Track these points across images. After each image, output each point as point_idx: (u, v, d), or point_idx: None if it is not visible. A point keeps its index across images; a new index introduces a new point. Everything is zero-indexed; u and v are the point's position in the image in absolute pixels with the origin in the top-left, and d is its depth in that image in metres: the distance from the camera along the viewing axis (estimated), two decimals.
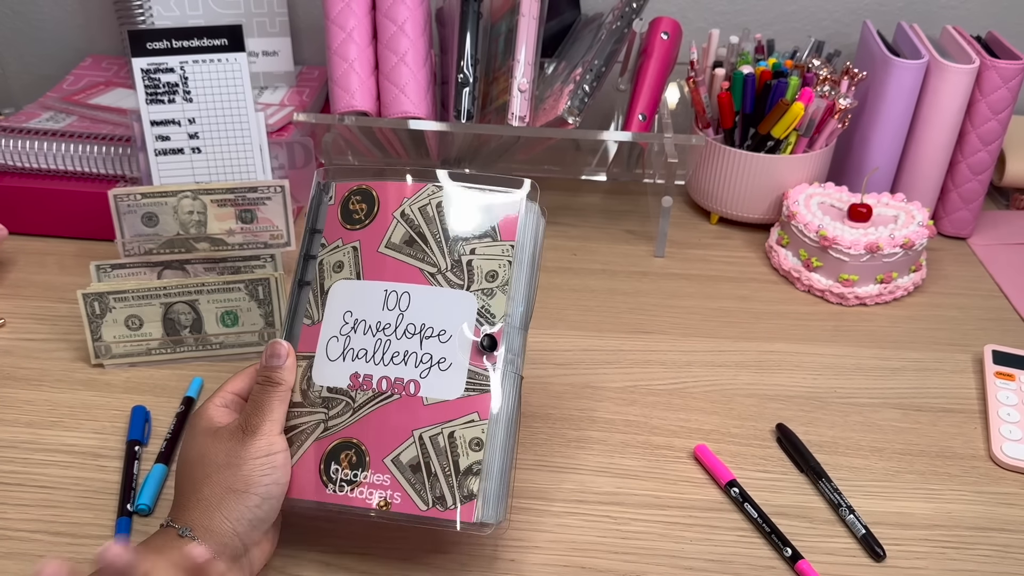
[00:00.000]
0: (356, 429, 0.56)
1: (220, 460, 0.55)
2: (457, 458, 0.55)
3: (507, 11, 0.90)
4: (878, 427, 0.73)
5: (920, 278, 0.91)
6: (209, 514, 0.54)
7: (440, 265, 0.59)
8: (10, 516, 0.63)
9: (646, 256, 0.96)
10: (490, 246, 0.59)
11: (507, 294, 0.58)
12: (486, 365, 0.57)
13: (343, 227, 0.61)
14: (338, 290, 0.59)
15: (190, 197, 0.81)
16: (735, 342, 0.82)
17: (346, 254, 0.60)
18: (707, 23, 1.10)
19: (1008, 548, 0.63)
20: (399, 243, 0.59)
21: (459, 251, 0.59)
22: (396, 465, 0.55)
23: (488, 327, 0.57)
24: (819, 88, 0.93)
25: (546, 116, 0.88)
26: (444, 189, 0.60)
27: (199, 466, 0.56)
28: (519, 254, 0.59)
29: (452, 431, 0.55)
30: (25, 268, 0.90)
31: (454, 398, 0.56)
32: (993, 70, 0.90)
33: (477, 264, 0.59)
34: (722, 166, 0.96)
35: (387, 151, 0.99)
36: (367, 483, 0.55)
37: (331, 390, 0.58)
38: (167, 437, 0.69)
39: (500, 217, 0.60)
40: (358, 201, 0.61)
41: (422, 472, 0.55)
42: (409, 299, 0.58)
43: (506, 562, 0.61)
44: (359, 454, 0.56)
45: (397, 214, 0.60)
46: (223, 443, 0.56)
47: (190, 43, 0.83)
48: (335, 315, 0.59)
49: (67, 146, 0.92)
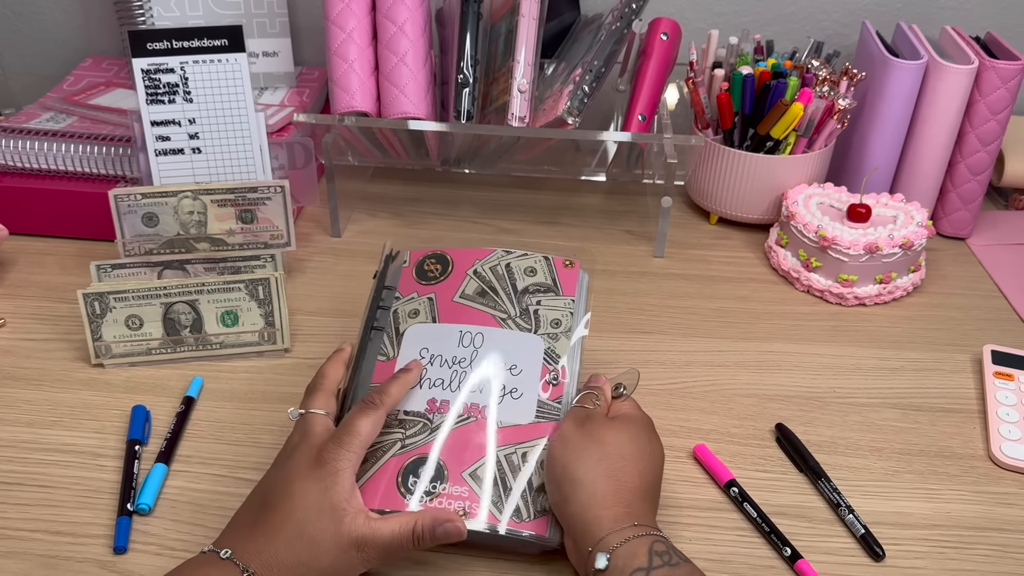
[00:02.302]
0: (435, 448, 0.60)
1: (326, 558, 0.53)
2: (531, 476, 0.59)
3: (507, 12, 0.91)
4: (877, 427, 0.73)
5: (919, 278, 0.91)
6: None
7: (510, 312, 0.67)
8: (10, 515, 0.63)
9: (646, 256, 0.96)
10: (553, 299, 0.68)
11: (569, 339, 0.66)
12: (553, 399, 0.63)
13: (418, 283, 0.69)
14: (415, 331, 0.67)
15: (190, 197, 0.81)
16: (734, 342, 0.83)
17: (422, 304, 0.68)
18: (706, 24, 1.10)
19: (1007, 548, 0.63)
20: (472, 294, 0.68)
21: (526, 302, 0.68)
22: (474, 478, 0.59)
23: (553, 365, 0.65)
24: (818, 89, 0.93)
25: (546, 117, 0.88)
26: (512, 254, 0.71)
27: (309, 545, 0.53)
28: (577, 307, 0.69)
29: (525, 451, 0.60)
30: (25, 268, 0.91)
31: (526, 423, 0.62)
32: (992, 71, 0.90)
33: (543, 313, 0.67)
34: (721, 166, 0.97)
35: (387, 151, 0.99)
36: (446, 494, 0.58)
37: (408, 413, 0.62)
38: (167, 436, 0.69)
39: (561, 277, 0.70)
40: (433, 263, 0.70)
41: (499, 487, 0.59)
42: (483, 339, 0.65)
43: (506, 562, 0.61)
44: (438, 469, 0.59)
45: (470, 272, 0.69)
46: (339, 544, 0.53)
47: (190, 43, 0.83)
48: (411, 350, 0.66)
49: (67, 146, 0.92)
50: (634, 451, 0.58)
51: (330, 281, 0.90)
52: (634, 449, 0.58)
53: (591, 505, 0.55)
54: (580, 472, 0.57)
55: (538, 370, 0.64)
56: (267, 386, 0.76)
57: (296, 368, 0.78)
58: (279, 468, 0.58)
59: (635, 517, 0.55)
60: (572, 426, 0.60)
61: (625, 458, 0.58)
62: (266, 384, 0.76)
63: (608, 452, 0.58)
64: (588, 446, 0.58)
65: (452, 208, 1.04)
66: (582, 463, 0.57)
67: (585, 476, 0.57)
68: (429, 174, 1.09)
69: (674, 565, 0.52)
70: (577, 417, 0.61)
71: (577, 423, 0.60)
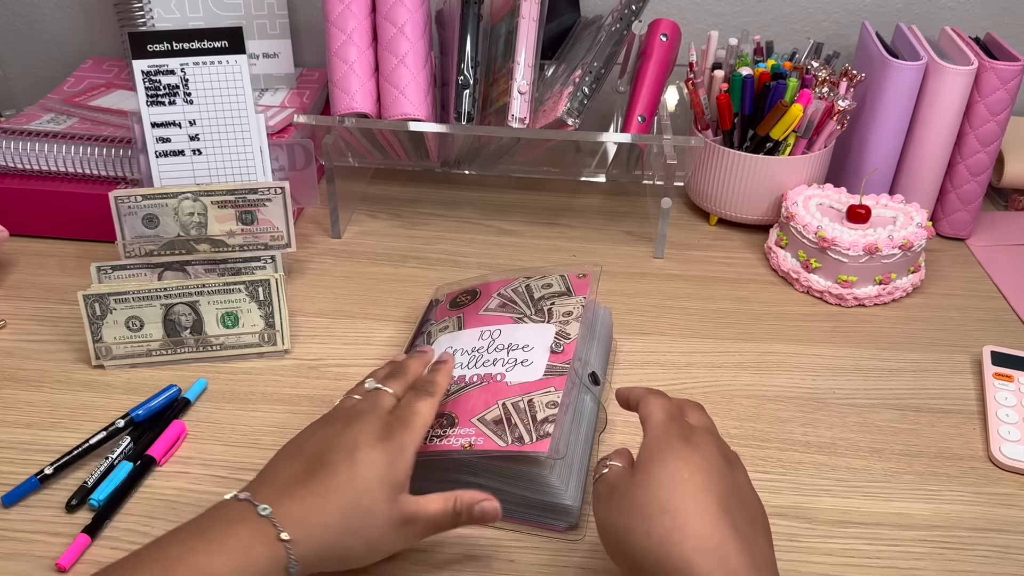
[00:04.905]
0: (449, 405, 0.63)
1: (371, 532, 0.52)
2: (535, 413, 0.61)
3: (507, 13, 0.91)
4: (877, 428, 0.73)
5: (919, 279, 0.91)
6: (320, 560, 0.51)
7: (526, 313, 0.72)
8: (10, 516, 0.63)
9: (645, 257, 0.96)
10: (567, 299, 0.73)
11: (579, 322, 0.69)
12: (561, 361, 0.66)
13: (450, 310, 0.76)
14: (442, 340, 0.72)
15: (191, 199, 0.81)
16: (734, 343, 0.83)
17: (451, 320, 0.74)
18: (706, 25, 1.11)
19: (1007, 549, 0.63)
20: (495, 308, 0.74)
21: (542, 304, 0.73)
22: (481, 422, 0.61)
23: (564, 341, 0.67)
24: (818, 90, 0.93)
25: (546, 118, 0.88)
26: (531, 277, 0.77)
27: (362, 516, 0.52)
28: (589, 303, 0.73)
29: (531, 398, 0.62)
30: (26, 269, 0.91)
31: (535, 379, 0.64)
32: (992, 71, 0.90)
33: (556, 309, 0.72)
34: (721, 167, 0.97)
35: (387, 153, 0.99)
36: (453, 435, 0.60)
37: None
38: None
39: (574, 282, 0.75)
40: (464, 296, 0.76)
41: (503, 424, 0.61)
42: (500, 332, 0.70)
43: (505, 562, 0.61)
44: (450, 419, 0.62)
45: (495, 294, 0.75)
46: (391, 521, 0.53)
47: (190, 45, 0.83)
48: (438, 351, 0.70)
49: (68, 148, 0.92)
50: (674, 494, 0.47)
51: (330, 282, 0.90)
52: (672, 491, 0.47)
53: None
54: (639, 560, 0.47)
55: (548, 347, 0.67)
56: (267, 387, 0.76)
57: (296, 369, 0.78)
58: (340, 431, 0.55)
59: None
60: (603, 507, 0.51)
61: (669, 511, 0.46)
62: (266, 385, 0.76)
63: (651, 516, 0.47)
64: (628, 524, 0.48)
65: (452, 209, 1.04)
66: (632, 548, 0.47)
67: (645, 560, 0.46)
68: (429, 175, 1.10)
69: None
70: (600, 493, 0.52)
71: (605, 502, 0.51)
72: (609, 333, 0.77)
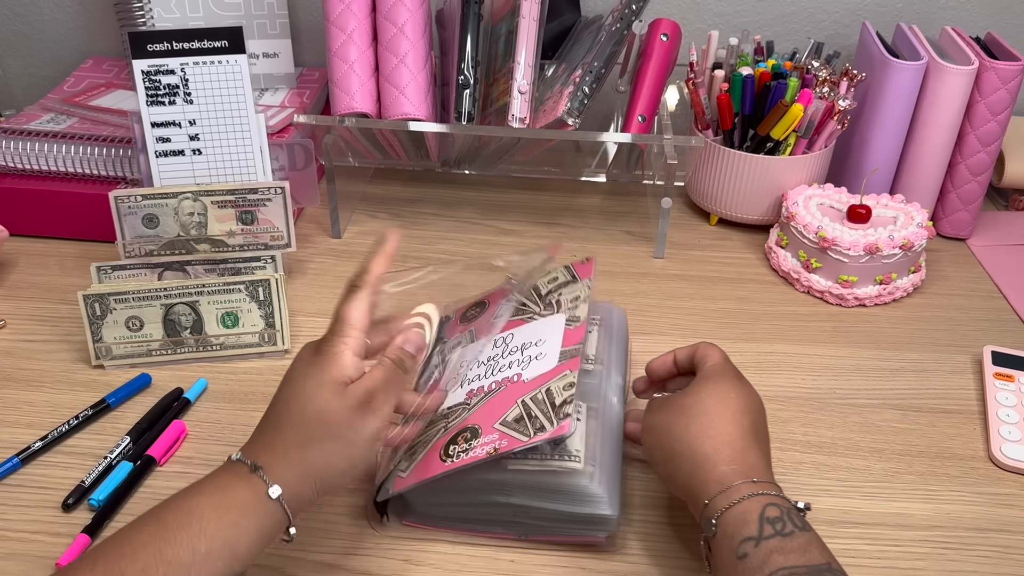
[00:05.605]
0: (472, 419, 0.62)
1: (336, 430, 0.53)
2: (553, 400, 0.60)
3: (507, 13, 0.91)
4: (877, 428, 0.73)
5: (919, 279, 0.91)
6: (302, 479, 0.52)
7: (535, 310, 0.72)
8: (10, 516, 0.63)
9: (646, 257, 0.96)
10: (572, 286, 0.73)
11: (588, 303, 0.69)
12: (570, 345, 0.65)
13: (461, 325, 0.74)
14: (457, 354, 0.71)
15: (191, 199, 0.81)
16: (734, 343, 0.82)
17: (464, 335, 0.73)
18: (706, 25, 1.11)
19: (1007, 549, 0.63)
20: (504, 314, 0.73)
21: (550, 299, 0.72)
22: (503, 424, 0.61)
23: (575, 324, 0.67)
24: (818, 89, 0.93)
25: (546, 118, 0.88)
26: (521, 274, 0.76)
27: (314, 423, 0.53)
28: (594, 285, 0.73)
29: (548, 387, 0.62)
30: (26, 269, 0.91)
31: (550, 369, 0.63)
32: (992, 71, 0.90)
33: (564, 298, 0.71)
34: (721, 167, 0.97)
35: (387, 152, 0.99)
36: (478, 445, 0.60)
37: (451, 408, 0.65)
38: None
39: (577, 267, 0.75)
40: (474, 309, 0.75)
41: (524, 420, 0.60)
42: (512, 336, 0.70)
43: (505, 563, 0.61)
44: (473, 431, 0.61)
45: (502, 301, 0.74)
46: (346, 410, 0.53)
47: (190, 45, 0.83)
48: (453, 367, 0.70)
49: (68, 148, 0.92)
50: (717, 404, 0.58)
51: (330, 282, 0.90)
52: (717, 402, 0.58)
53: (695, 472, 0.55)
54: (675, 446, 0.57)
55: (560, 336, 0.67)
56: (267, 387, 0.76)
57: None
58: None
59: (745, 472, 0.54)
60: (651, 413, 0.61)
61: (710, 414, 0.57)
62: (266, 385, 0.76)
63: (693, 416, 0.58)
64: (672, 419, 0.59)
65: (452, 209, 1.04)
66: (671, 437, 0.58)
67: (680, 446, 0.57)
68: (429, 175, 1.09)
69: (787, 535, 0.50)
70: (652, 406, 0.62)
71: (655, 409, 0.61)
72: (625, 334, 0.77)
